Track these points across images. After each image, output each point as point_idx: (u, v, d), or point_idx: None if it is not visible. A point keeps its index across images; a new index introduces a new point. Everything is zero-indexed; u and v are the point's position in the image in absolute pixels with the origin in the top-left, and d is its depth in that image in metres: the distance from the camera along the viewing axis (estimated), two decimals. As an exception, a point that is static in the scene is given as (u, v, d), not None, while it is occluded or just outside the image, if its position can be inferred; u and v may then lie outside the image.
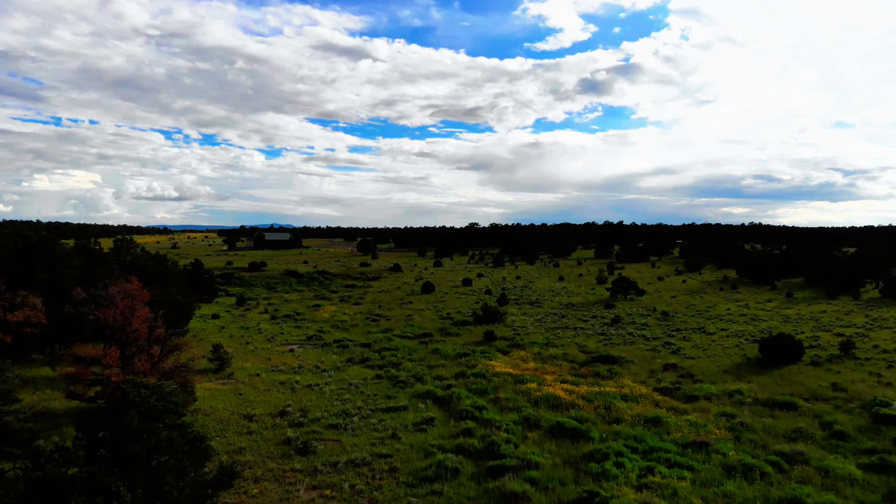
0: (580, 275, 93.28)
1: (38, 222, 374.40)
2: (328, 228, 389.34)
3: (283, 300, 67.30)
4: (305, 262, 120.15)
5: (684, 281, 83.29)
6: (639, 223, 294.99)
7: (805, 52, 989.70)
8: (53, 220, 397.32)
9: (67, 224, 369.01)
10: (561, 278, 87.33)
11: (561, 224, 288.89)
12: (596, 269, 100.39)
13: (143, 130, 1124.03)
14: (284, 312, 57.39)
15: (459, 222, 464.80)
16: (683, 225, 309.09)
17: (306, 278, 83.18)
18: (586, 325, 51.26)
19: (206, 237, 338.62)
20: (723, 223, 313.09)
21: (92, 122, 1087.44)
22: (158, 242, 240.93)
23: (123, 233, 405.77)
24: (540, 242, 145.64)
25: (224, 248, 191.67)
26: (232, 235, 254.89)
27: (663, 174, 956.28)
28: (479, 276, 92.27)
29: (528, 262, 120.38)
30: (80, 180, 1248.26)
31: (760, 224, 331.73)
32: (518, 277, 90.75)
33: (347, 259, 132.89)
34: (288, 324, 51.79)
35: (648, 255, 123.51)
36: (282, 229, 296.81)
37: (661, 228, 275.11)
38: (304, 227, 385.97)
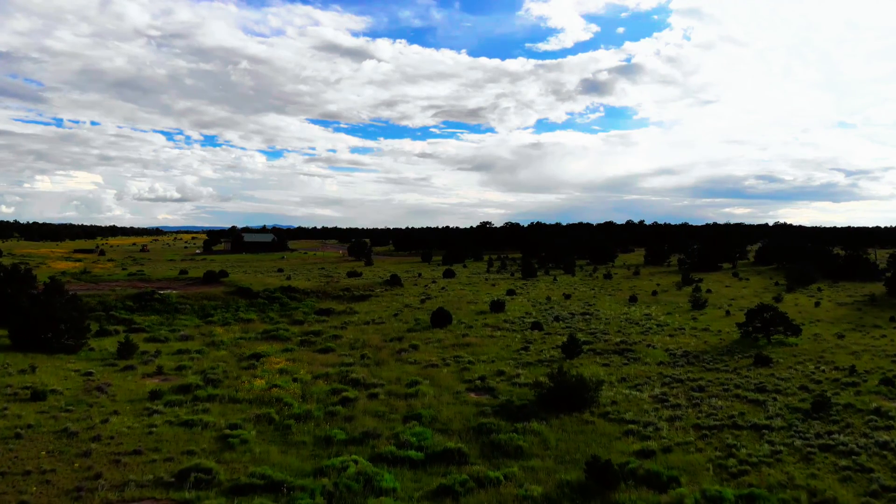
0: (653, 292, 67.04)
1: (16, 222, 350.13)
2: (323, 229, 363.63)
3: (210, 342, 41.71)
4: (280, 270, 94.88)
5: (817, 304, 57.23)
6: (661, 223, 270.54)
7: (807, 51, 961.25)
8: (51, 222, 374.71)
9: (46, 225, 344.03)
10: (633, 299, 61.13)
11: (577, 223, 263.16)
12: (667, 282, 74.68)
13: (145, 132, 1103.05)
14: (190, 378, 31.78)
15: (462, 223, 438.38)
16: (706, 225, 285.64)
17: (262, 299, 57.46)
18: (770, 416, 25.56)
19: (194, 238, 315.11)
20: (748, 223, 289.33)
21: (93, 123, 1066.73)
22: (134, 244, 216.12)
23: (110, 234, 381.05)
24: (573, 245, 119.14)
25: (198, 251, 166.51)
26: (216, 236, 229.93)
27: (665, 174, 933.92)
28: (510, 293, 66.42)
29: (565, 272, 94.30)
30: (82, 181, 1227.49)
31: (786, 224, 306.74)
32: (567, 296, 64.66)
33: (335, 266, 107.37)
34: (176, 412, 26.17)
35: (716, 261, 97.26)
36: (275, 229, 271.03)
37: (685, 228, 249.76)
38: (299, 228, 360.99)
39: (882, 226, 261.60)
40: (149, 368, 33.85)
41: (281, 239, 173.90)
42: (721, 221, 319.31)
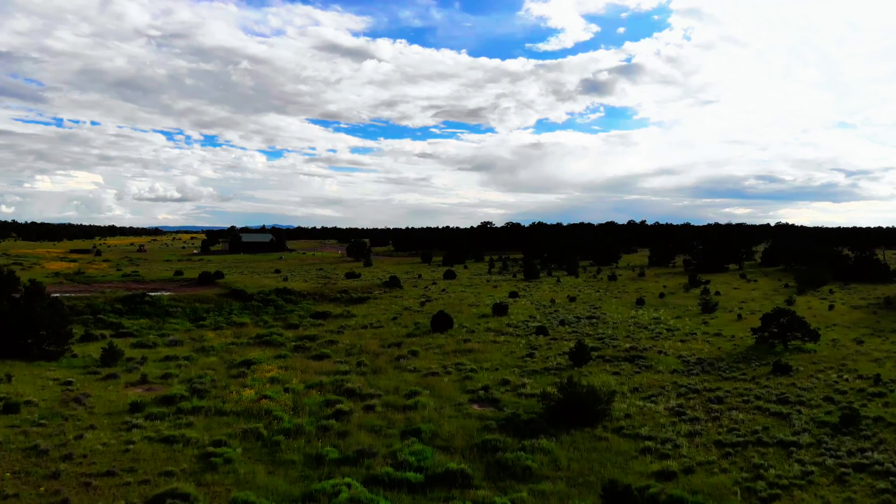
0: (660, 294, 65.24)
1: (15, 222, 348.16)
2: (323, 229, 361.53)
3: (199, 347, 39.88)
4: (277, 271, 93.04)
5: (831, 307, 55.36)
6: (662, 223, 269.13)
7: (807, 51, 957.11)
8: (51, 222, 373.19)
9: (44, 224, 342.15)
10: (641, 301, 59.28)
11: (578, 224, 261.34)
12: (674, 284, 72.83)
13: (145, 131, 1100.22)
14: (175, 387, 29.93)
15: (462, 223, 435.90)
16: (708, 225, 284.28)
17: (257, 301, 55.56)
18: (797, 432, 23.69)
19: (192, 238, 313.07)
20: (750, 224, 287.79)
21: (93, 123, 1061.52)
22: (132, 244, 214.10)
23: (108, 234, 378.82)
24: (576, 246, 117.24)
25: (196, 251, 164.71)
26: (214, 236, 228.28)
27: (665, 174, 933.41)
28: (513, 295, 64.60)
29: (569, 273, 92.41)
30: (82, 181, 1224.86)
31: (788, 224, 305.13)
32: (571, 299, 62.82)
33: (333, 267, 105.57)
34: (157, 426, 24.33)
35: (722, 262, 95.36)
36: (274, 229, 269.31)
37: (688, 228, 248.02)
38: (298, 228, 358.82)
39: (883, 226, 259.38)
40: (133, 377, 31.99)
41: (279, 239, 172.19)
42: (722, 222, 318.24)
